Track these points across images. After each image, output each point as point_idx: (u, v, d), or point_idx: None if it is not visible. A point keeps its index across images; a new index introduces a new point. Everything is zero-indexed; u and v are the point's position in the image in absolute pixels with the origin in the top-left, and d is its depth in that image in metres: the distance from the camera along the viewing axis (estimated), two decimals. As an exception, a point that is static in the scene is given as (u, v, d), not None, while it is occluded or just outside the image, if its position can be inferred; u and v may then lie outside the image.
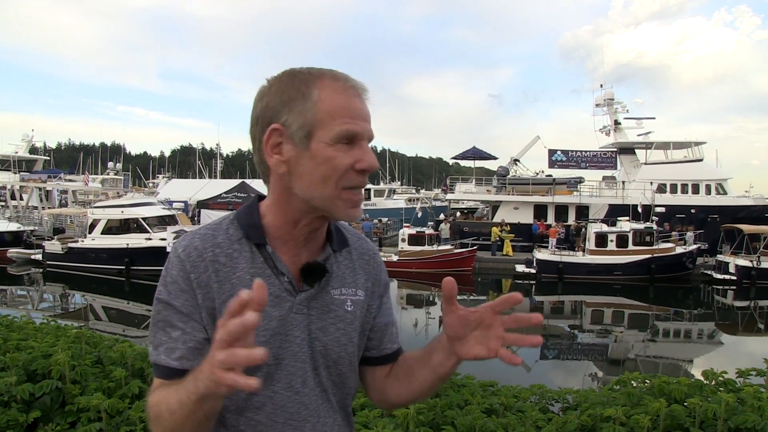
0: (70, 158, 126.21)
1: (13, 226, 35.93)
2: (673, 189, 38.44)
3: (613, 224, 31.37)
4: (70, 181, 54.40)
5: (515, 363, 1.29)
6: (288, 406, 1.43)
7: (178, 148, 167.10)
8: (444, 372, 1.49)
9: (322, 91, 1.38)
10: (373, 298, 1.64)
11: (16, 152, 60.63)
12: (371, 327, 1.63)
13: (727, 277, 29.53)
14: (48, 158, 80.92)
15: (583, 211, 37.21)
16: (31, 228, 37.78)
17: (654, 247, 29.99)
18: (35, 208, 43.95)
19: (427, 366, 1.52)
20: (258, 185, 40.26)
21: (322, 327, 1.48)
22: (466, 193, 42.09)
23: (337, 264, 1.55)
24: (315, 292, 1.47)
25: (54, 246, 30.98)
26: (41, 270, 30.99)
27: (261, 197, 1.54)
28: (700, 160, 39.99)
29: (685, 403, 3.64)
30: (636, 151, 42.38)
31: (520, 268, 31.26)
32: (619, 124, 42.69)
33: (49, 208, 43.17)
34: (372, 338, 1.64)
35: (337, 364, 1.51)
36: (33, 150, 71.75)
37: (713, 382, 4.14)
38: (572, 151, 42.65)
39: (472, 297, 29.38)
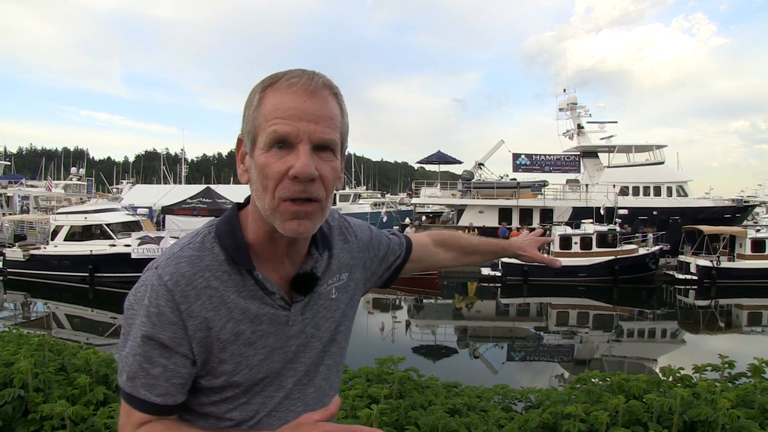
0: (32, 163, 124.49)
1: (-27, 234, 35.32)
2: (636, 191, 38.96)
3: (577, 227, 31.68)
4: (32, 186, 53.65)
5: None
6: (288, 405, 1.47)
7: (143, 153, 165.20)
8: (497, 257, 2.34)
9: (264, 94, 1.30)
10: (369, 264, 1.73)
11: (-24, 158, 59.41)
12: (387, 263, 1.84)
13: (688, 277, 30.01)
14: (9, 163, 79.66)
15: (547, 214, 37.48)
16: (-9, 235, 37.16)
17: (617, 248, 30.36)
18: (-5, 214, 43.18)
19: (484, 256, 2.20)
20: (223, 190, 39.99)
21: (315, 324, 1.49)
22: (432, 198, 42.22)
23: (322, 261, 1.51)
24: (307, 299, 1.46)
25: (15, 253, 30.43)
26: (1, 278, 30.39)
27: (240, 206, 1.46)
28: (662, 162, 40.60)
29: (643, 399, 3.73)
30: (599, 154, 42.81)
31: (486, 271, 31.41)
32: (582, 128, 43.11)
33: (10, 214, 42.44)
34: (392, 259, 1.85)
35: (333, 345, 1.57)
36: (-7, 156, 70.49)
37: (670, 378, 4.24)
38: (536, 154, 42.96)
39: (438, 300, 29.49)
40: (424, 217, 43.14)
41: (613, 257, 30.07)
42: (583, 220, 32.38)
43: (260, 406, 1.42)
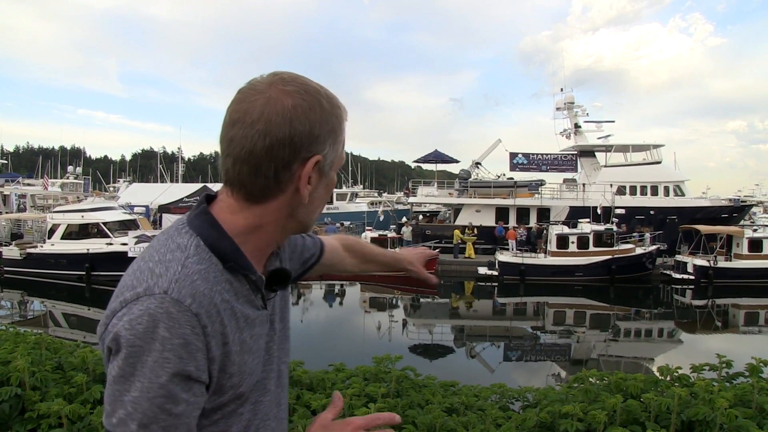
0: (29, 162, 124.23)
1: (-31, 232, 35.22)
2: (633, 191, 39.01)
3: (574, 226, 31.69)
4: (29, 185, 53.56)
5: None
6: (270, 409, 1.44)
7: (139, 151, 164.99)
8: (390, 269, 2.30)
9: (346, 121, 1.36)
10: (289, 260, 1.67)
11: (-28, 157, 59.33)
12: (303, 259, 1.80)
13: (685, 276, 30.06)
14: (6, 162, 79.71)
15: (544, 213, 37.52)
16: (-12, 234, 37.07)
17: (614, 248, 30.40)
18: (-8, 213, 43.07)
19: (379, 265, 2.23)
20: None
21: (280, 319, 1.48)
22: (428, 197, 42.22)
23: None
24: (274, 296, 1.44)
25: (12, 252, 30.40)
26: (-2, 276, 30.42)
27: (206, 206, 1.36)
28: (659, 162, 40.66)
29: (640, 399, 3.73)
30: (596, 153, 42.87)
31: (483, 270, 31.43)
32: (579, 127, 43.14)
33: (6, 212, 42.35)
34: (307, 256, 1.82)
35: (286, 342, 1.54)
36: (-10, 154, 70.44)
37: (668, 378, 4.24)
38: (533, 154, 43.02)
39: (435, 299, 29.50)
40: (421, 216, 43.13)
41: (610, 257, 30.11)
42: (580, 220, 32.39)
43: (252, 413, 1.37)
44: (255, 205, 1.29)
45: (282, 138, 1.21)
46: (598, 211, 33.54)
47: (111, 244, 28.17)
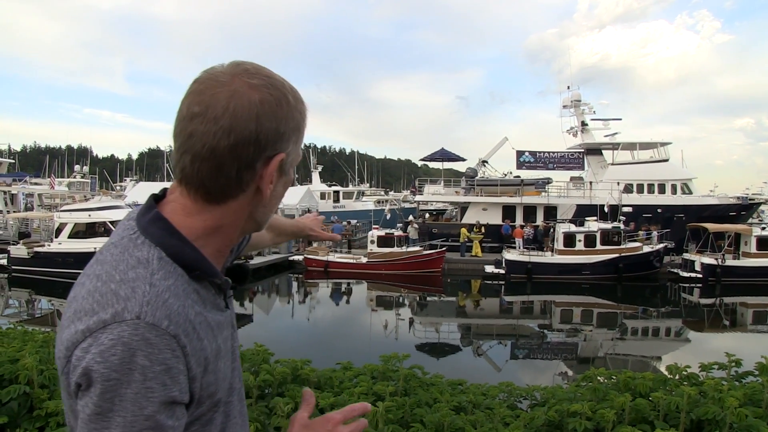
0: (36, 161, 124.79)
1: (-23, 231, 35.36)
2: (640, 189, 38.89)
3: (581, 224, 31.64)
4: (36, 184, 53.75)
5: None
6: (235, 406, 1.37)
7: (146, 150, 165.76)
8: (297, 237, 2.43)
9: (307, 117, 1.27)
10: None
11: (-20, 156, 59.53)
12: (237, 242, 1.58)
13: (693, 275, 29.95)
14: (13, 161, 79.95)
15: (551, 211, 37.50)
16: (-4, 233, 37.21)
17: (621, 246, 30.32)
18: (0, 212, 43.26)
19: (288, 236, 2.30)
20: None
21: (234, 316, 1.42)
22: (435, 195, 42.24)
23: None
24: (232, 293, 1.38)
25: (19, 251, 30.52)
26: (6, 275, 30.49)
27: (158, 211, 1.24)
28: (666, 160, 40.54)
29: (649, 397, 3.71)
30: (603, 151, 42.72)
31: (489, 268, 31.42)
32: (586, 125, 43.04)
33: (14, 212, 42.49)
34: (240, 240, 1.63)
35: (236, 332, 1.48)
36: (-3, 153, 70.69)
37: (677, 377, 4.22)
38: (540, 152, 42.93)
39: (442, 298, 29.47)
40: (427, 215, 43.12)
41: (617, 255, 30.05)
42: (587, 218, 32.35)
43: (224, 415, 1.30)
44: (214, 205, 1.21)
45: (248, 135, 1.14)
46: (605, 209, 33.45)
47: (118, 242, 28.20)
